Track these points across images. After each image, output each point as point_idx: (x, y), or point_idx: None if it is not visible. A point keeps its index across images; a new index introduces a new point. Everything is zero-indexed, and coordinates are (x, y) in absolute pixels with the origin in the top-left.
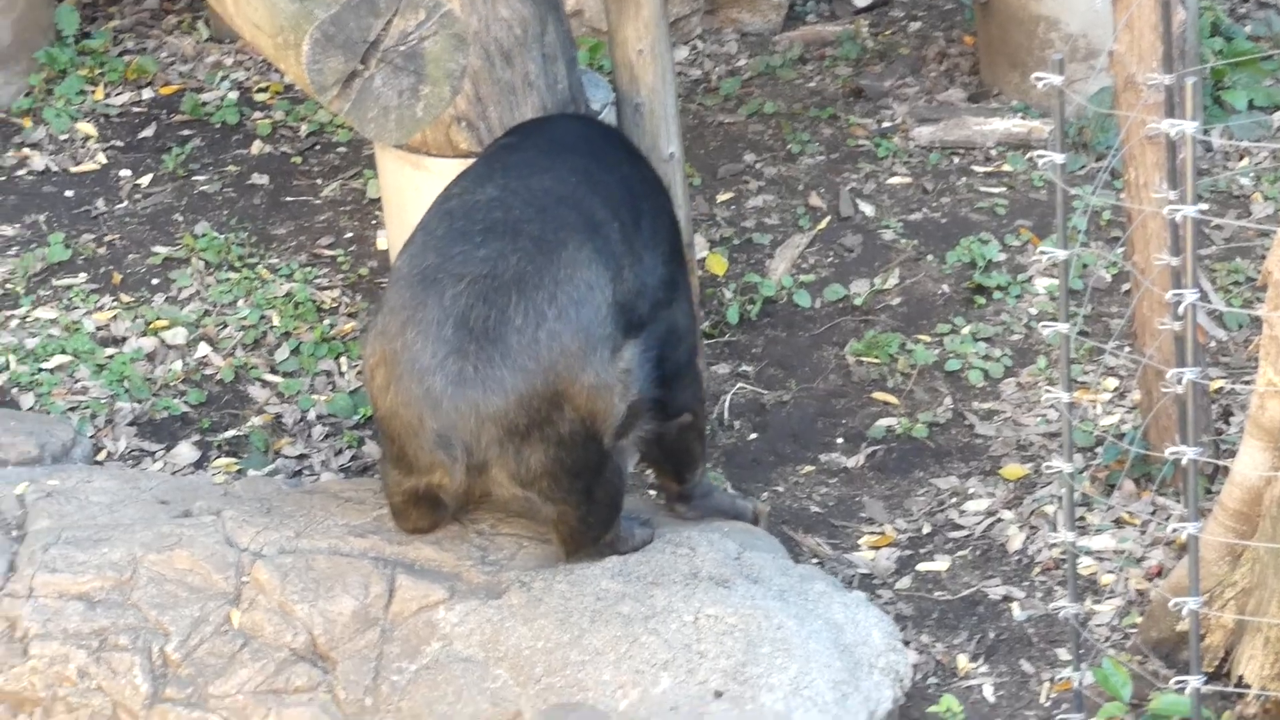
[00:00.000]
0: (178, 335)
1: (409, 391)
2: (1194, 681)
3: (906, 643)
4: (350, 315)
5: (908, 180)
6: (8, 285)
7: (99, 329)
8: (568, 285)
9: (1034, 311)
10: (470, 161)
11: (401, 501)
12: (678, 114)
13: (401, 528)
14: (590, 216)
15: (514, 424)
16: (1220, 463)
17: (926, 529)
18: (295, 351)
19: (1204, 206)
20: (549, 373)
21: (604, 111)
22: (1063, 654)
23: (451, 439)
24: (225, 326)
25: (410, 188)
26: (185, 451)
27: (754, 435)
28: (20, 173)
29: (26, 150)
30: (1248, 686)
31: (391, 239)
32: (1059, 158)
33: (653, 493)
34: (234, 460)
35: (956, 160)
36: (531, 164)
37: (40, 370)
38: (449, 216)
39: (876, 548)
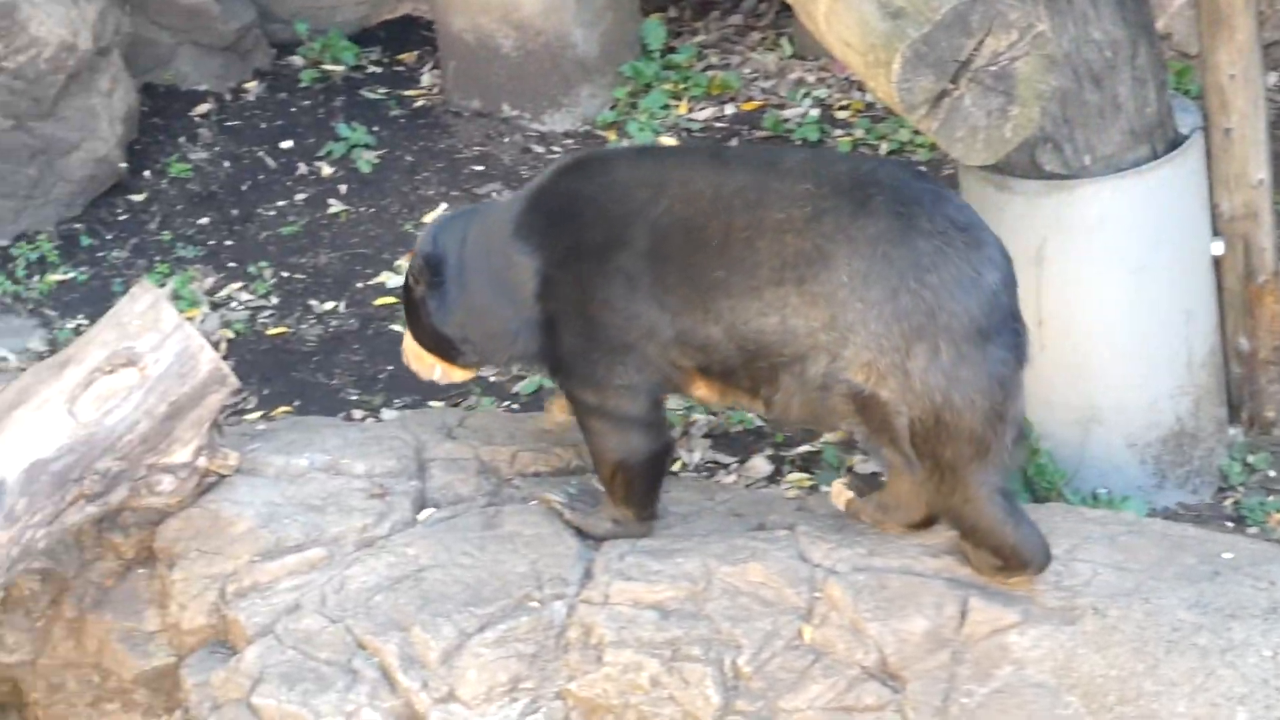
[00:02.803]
0: None
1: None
2: None
3: None
4: None
5: None
6: None
7: None
8: None
9: None
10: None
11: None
12: (1268, 140)
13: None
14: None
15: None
16: None
17: None
18: None
19: None
20: None
21: (1191, 136)
22: None
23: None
24: None
25: (993, 208)
26: (759, 465)
27: None
28: None
29: None
30: None
31: None
32: None
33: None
34: (807, 475)
35: None
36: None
37: None
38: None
39: None
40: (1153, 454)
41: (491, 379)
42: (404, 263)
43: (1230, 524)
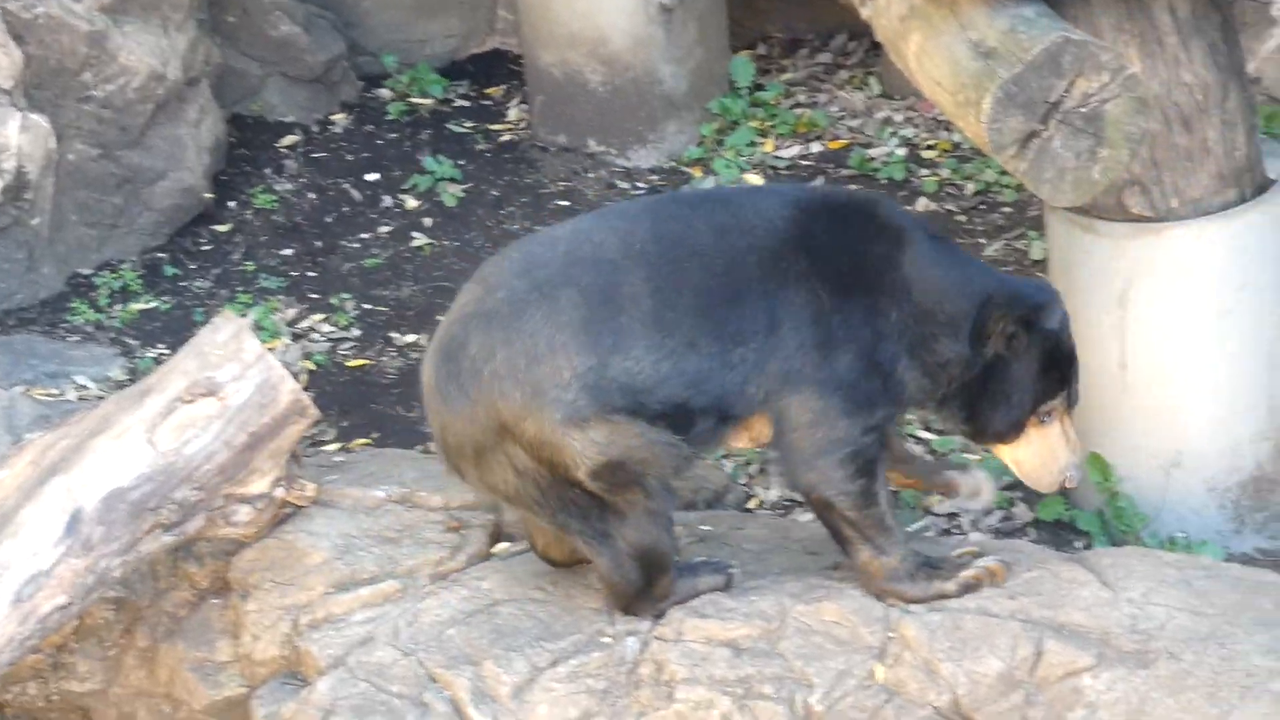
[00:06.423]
0: None
1: None
2: None
3: None
4: None
5: None
6: None
7: None
8: None
9: None
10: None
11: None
12: None
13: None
14: None
15: None
16: None
17: None
18: None
19: None
20: None
21: None
22: None
23: None
24: None
25: (1078, 250)
26: None
27: None
28: None
29: None
30: None
31: None
32: None
33: None
34: None
35: None
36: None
37: None
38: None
39: None
40: (1232, 498)
41: None
42: None
43: None
